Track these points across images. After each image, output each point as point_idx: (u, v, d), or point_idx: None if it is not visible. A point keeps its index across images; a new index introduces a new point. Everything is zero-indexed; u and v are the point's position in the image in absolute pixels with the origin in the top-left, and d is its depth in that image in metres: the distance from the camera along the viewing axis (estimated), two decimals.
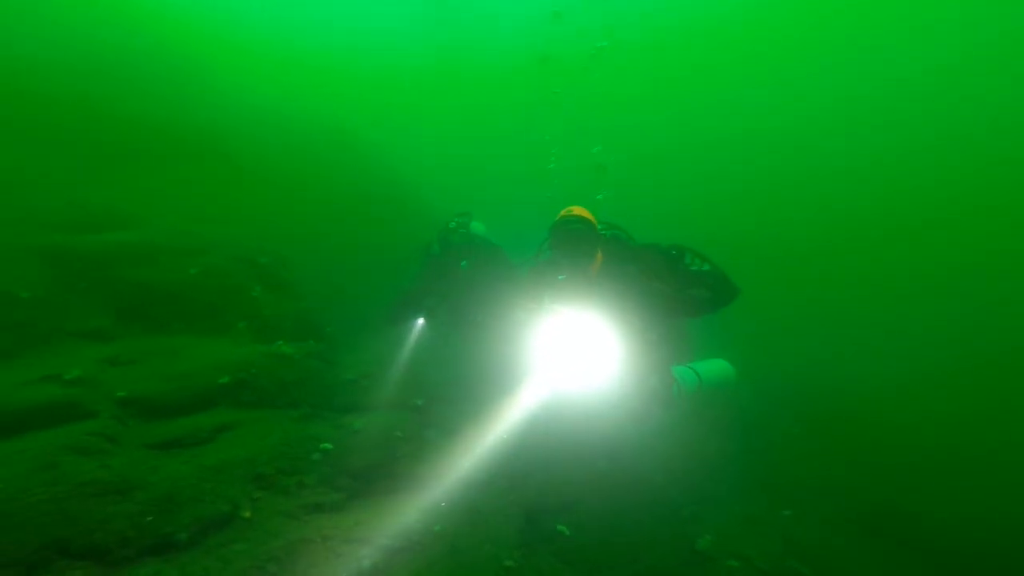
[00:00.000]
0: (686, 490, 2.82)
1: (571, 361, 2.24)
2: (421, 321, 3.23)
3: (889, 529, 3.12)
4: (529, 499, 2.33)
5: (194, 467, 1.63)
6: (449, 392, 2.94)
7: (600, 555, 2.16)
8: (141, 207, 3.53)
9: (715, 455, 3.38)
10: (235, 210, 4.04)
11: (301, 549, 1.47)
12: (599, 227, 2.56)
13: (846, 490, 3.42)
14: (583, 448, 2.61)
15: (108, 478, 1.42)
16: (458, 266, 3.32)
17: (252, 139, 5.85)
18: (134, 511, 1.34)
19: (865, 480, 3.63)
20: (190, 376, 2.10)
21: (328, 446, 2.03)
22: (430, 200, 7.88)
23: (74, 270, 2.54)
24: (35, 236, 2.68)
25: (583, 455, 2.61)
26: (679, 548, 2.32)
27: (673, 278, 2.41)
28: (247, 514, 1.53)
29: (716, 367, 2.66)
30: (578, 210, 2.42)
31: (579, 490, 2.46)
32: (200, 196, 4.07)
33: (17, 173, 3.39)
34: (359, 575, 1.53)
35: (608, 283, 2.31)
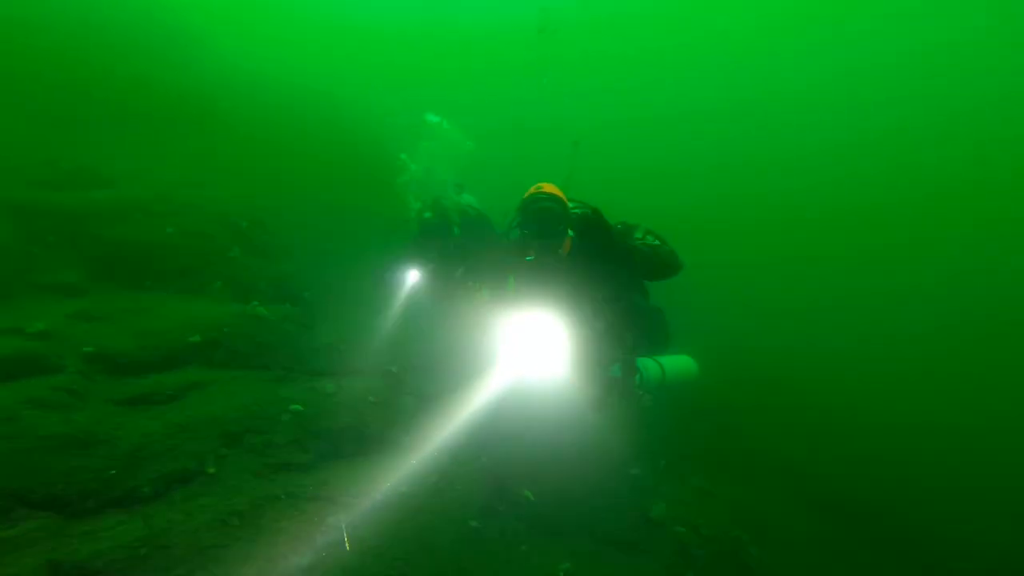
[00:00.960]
0: (646, 465, 2.97)
1: (528, 356, 2.21)
2: (408, 285, 3.23)
3: (838, 505, 3.32)
4: (497, 467, 2.42)
5: (161, 423, 1.66)
6: (425, 361, 2.98)
7: (560, 520, 2.27)
8: (119, 167, 3.41)
9: (678, 433, 3.52)
10: (218, 173, 3.92)
11: (265, 505, 1.53)
12: (571, 205, 2.46)
13: (803, 471, 3.62)
14: (550, 423, 2.69)
15: (71, 432, 1.44)
16: (451, 233, 3.28)
17: (237, 102, 5.61)
18: (97, 465, 1.37)
19: (824, 464, 3.83)
20: (161, 334, 2.10)
21: (299, 407, 2.07)
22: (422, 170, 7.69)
23: (44, 225, 2.48)
24: (10, 191, 2.59)
25: (550, 429, 2.70)
26: (633, 516, 2.47)
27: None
28: (212, 470, 1.58)
29: (680, 362, 2.61)
30: (548, 187, 2.29)
31: (544, 461, 2.56)
32: (182, 158, 3.93)
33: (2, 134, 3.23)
34: (323, 531, 1.61)
35: (578, 264, 2.23)
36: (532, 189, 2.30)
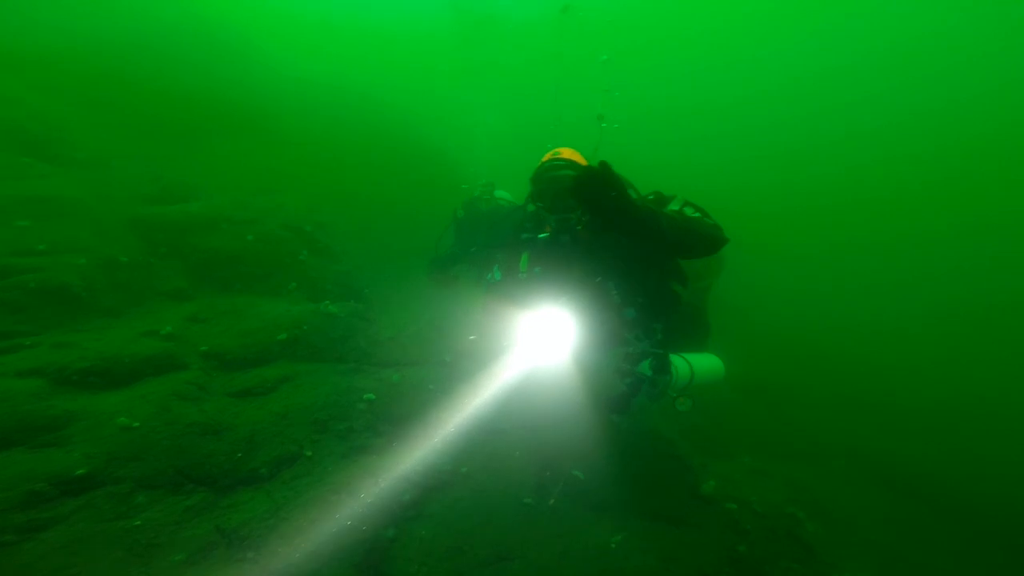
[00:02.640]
0: (697, 444, 3.02)
1: (537, 355, 2.07)
2: (452, 282, 3.46)
3: (903, 484, 3.23)
4: (546, 447, 2.61)
5: (265, 413, 2.00)
6: (474, 348, 3.21)
7: (608, 497, 2.39)
8: (203, 179, 3.86)
9: (726, 413, 3.52)
10: (280, 179, 4.30)
11: (355, 484, 1.83)
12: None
13: (863, 450, 3.53)
14: (599, 404, 2.79)
15: (205, 420, 1.80)
16: (484, 230, 3.44)
17: (289, 110, 5.98)
18: (228, 449, 1.71)
19: (886, 442, 3.71)
20: (254, 333, 2.46)
21: (371, 396, 2.37)
22: (459, 161, 7.88)
23: (157, 238, 2.92)
24: (126, 207, 3.06)
25: (599, 410, 2.81)
26: (682, 493, 2.51)
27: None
28: (309, 453, 1.90)
29: (707, 362, 2.33)
30: (567, 152, 2.00)
31: (594, 441, 2.68)
32: (250, 166, 4.35)
33: (108, 150, 3.75)
34: (400, 507, 1.90)
35: (602, 240, 1.94)
36: (547, 155, 1.99)
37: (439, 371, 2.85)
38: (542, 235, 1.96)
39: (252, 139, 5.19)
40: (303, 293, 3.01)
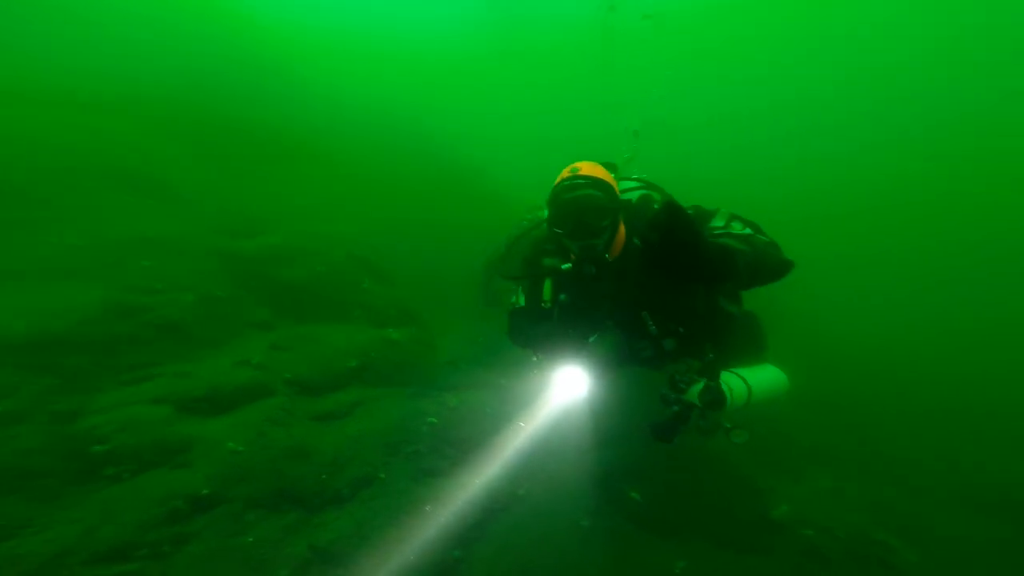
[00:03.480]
0: (764, 463, 2.87)
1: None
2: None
3: (1001, 504, 2.89)
4: (602, 468, 2.61)
5: (344, 436, 2.21)
6: (527, 372, 3.31)
7: (670, 520, 2.34)
8: (273, 208, 4.31)
9: (797, 429, 3.32)
10: (340, 205, 4.70)
11: (425, 504, 1.98)
12: (624, 186, 1.97)
13: (953, 465, 3.20)
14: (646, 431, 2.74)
15: (294, 444, 2.03)
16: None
17: (344, 134, 6.50)
18: (315, 471, 1.93)
19: (978, 456, 3.34)
20: (329, 360, 2.72)
21: (434, 420, 2.53)
22: (505, 179, 8.10)
23: (243, 270, 3.32)
24: (216, 241, 3.51)
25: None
26: (751, 516, 2.38)
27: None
28: (383, 475, 2.08)
29: (767, 376, 2.06)
30: (588, 167, 1.74)
31: (652, 460, 2.62)
32: (311, 193, 4.79)
33: (194, 183, 4.33)
34: (465, 528, 2.02)
35: (636, 268, 1.76)
36: (565, 171, 1.75)
37: (495, 394, 2.97)
38: (564, 266, 1.74)
39: (310, 165, 5.69)
40: (367, 319, 3.27)
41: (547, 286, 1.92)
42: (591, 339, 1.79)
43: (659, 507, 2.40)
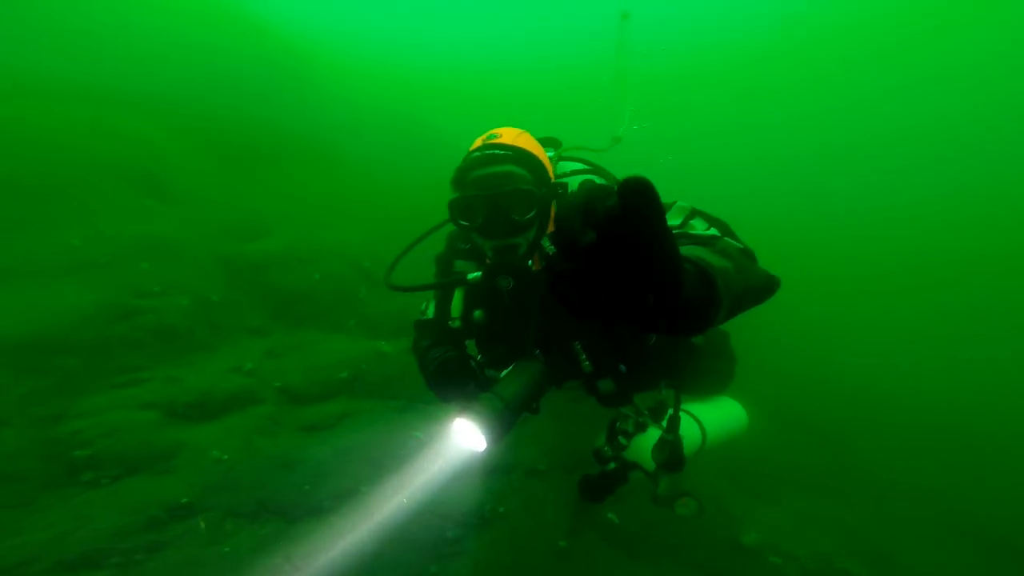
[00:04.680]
0: (740, 483, 2.89)
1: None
2: None
3: (980, 530, 2.91)
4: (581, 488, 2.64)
5: (329, 447, 2.23)
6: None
7: (644, 543, 2.38)
8: (273, 209, 4.37)
9: (770, 449, 3.34)
10: (340, 209, 4.76)
11: (410, 521, 2.00)
12: (560, 169, 1.45)
13: (925, 489, 3.22)
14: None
15: (279, 454, 2.05)
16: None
17: (354, 143, 6.59)
18: (297, 481, 1.95)
19: (955, 480, 3.35)
20: (320, 370, 2.75)
21: (419, 435, 2.55)
22: None
23: (241, 275, 3.36)
24: (216, 244, 3.56)
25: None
26: (721, 542, 2.42)
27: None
28: (365, 489, 2.10)
29: (725, 414, 1.80)
30: (511, 133, 1.26)
31: (631, 483, 2.69)
32: (313, 194, 4.86)
33: (198, 183, 4.40)
34: (444, 543, 2.03)
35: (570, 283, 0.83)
36: (479, 140, 1.28)
37: None
38: (472, 275, 1.26)
39: (317, 169, 5.75)
40: (361, 330, 3.31)
41: (456, 300, 1.44)
42: (502, 373, 1.22)
43: (635, 529, 2.43)
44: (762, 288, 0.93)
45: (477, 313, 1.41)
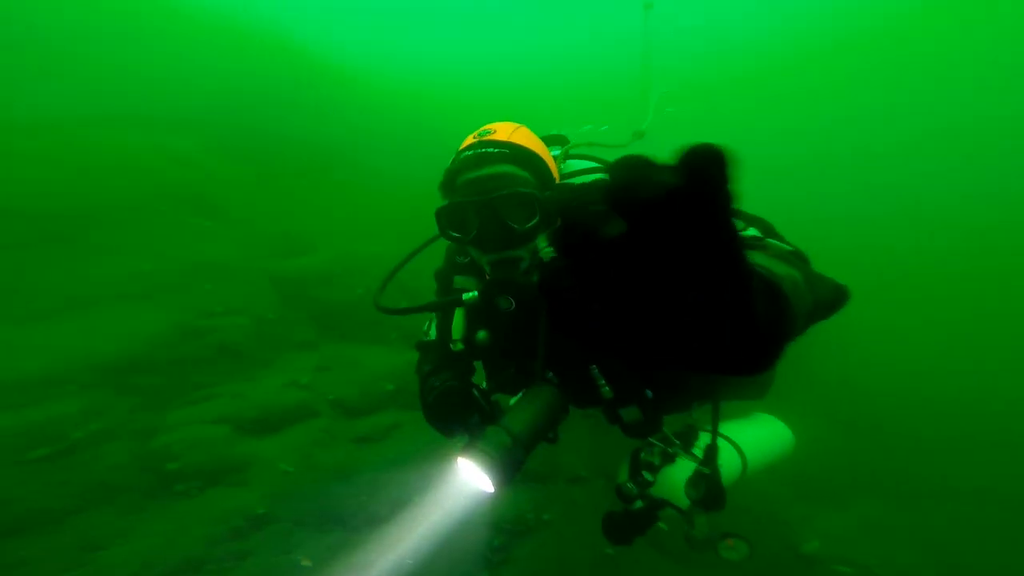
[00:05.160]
0: (797, 487, 2.79)
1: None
2: None
3: None
4: None
5: (381, 458, 2.37)
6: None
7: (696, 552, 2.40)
8: (316, 231, 4.61)
9: (833, 451, 3.21)
10: (380, 227, 4.94)
11: (459, 530, 2.10)
12: (566, 169, 1.28)
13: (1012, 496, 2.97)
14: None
15: (337, 465, 2.20)
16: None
17: (391, 157, 6.81)
18: (355, 492, 2.09)
19: None
20: (368, 383, 2.91)
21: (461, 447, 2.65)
22: None
23: (289, 291, 3.59)
24: (266, 263, 3.81)
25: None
26: (780, 551, 2.32)
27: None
28: (417, 499, 2.22)
29: (768, 437, 1.60)
30: (504, 128, 1.11)
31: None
32: (353, 215, 5.07)
33: (246, 202, 4.71)
34: (491, 551, 2.12)
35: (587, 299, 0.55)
36: (470, 138, 1.12)
37: None
38: (468, 295, 1.11)
39: (350, 181, 6.00)
40: (403, 343, 3.45)
41: (457, 320, 1.30)
42: (511, 401, 1.10)
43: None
44: (832, 301, 0.76)
45: (480, 335, 1.23)
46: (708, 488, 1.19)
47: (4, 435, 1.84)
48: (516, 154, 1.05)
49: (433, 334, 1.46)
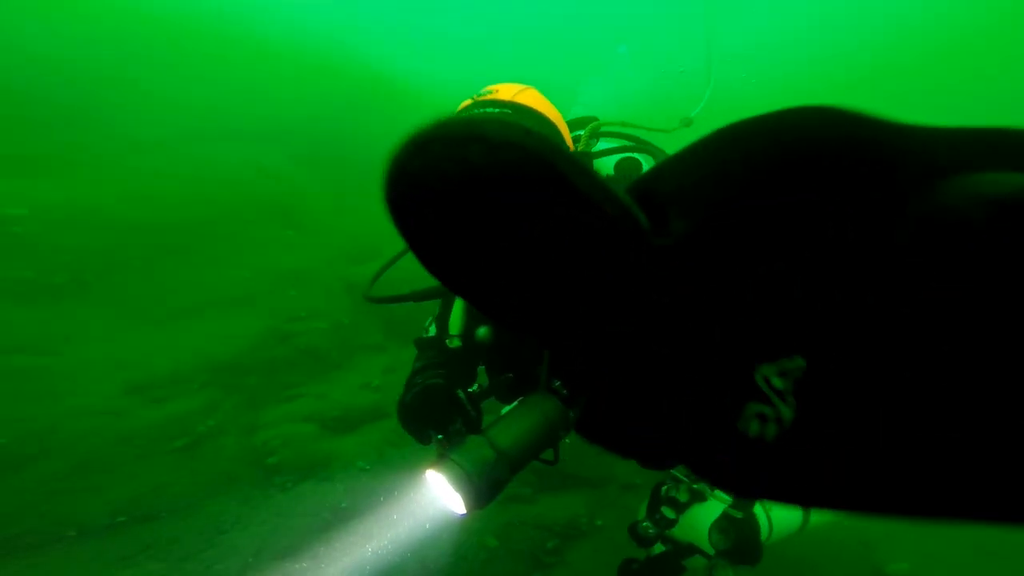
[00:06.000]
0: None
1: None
2: None
3: None
4: None
5: None
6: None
7: (760, 564, 2.33)
8: (380, 236, 4.95)
9: None
10: None
11: (510, 531, 2.26)
12: (590, 142, 1.15)
13: None
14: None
15: (406, 464, 2.44)
16: None
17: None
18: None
19: None
20: None
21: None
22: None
23: (359, 296, 3.93)
24: (340, 269, 4.20)
25: None
26: (859, 570, 2.19)
27: None
28: None
29: None
30: (507, 89, 1.01)
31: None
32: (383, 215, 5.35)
33: (319, 211, 5.17)
34: (545, 553, 2.25)
35: None
36: (468, 101, 1.02)
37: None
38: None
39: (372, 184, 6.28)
40: None
41: (456, 312, 1.22)
42: (505, 409, 0.98)
43: (747, 547, 2.36)
44: None
45: (481, 331, 1.12)
46: (739, 537, 1.04)
47: (152, 427, 2.28)
48: (520, 117, 0.90)
49: (433, 330, 1.37)
